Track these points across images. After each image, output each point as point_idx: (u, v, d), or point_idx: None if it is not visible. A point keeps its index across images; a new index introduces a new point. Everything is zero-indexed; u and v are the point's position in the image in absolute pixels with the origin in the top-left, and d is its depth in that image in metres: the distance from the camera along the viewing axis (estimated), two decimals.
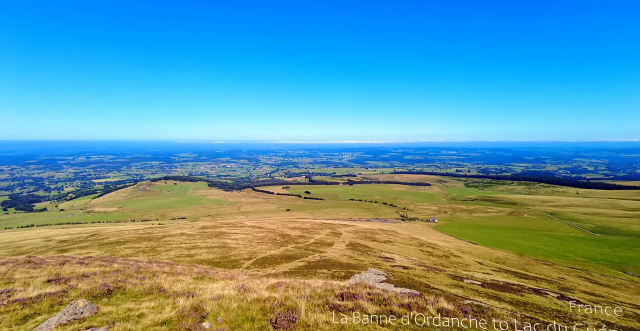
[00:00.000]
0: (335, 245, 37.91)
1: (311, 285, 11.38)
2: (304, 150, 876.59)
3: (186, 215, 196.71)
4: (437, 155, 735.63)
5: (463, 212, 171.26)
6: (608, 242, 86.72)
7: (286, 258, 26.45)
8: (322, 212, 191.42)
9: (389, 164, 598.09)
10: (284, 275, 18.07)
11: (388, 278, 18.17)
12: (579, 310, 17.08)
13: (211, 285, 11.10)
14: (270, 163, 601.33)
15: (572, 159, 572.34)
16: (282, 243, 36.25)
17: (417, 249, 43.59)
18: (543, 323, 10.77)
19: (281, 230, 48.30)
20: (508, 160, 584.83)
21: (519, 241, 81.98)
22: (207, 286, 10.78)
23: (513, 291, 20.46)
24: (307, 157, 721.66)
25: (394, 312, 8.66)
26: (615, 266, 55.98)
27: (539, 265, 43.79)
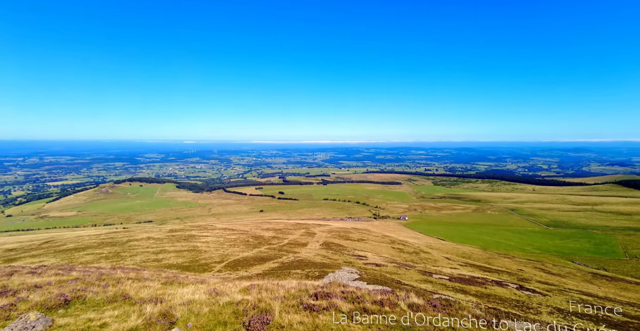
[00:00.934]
0: (309, 245, 37.94)
1: (285, 286, 11.31)
2: (277, 150, 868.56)
3: (153, 218, 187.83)
4: (407, 154, 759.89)
5: (432, 210, 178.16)
6: (559, 234, 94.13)
7: (259, 260, 26.08)
8: (296, 212, 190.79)
9: (362, 164, 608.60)
10: (257, 277, 17.80)
11: (361, 276, 18.48)
12: (535, 298, 18.42)
13: (181, 290, 10.69)
14: (243, 164, 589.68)
15: (529, 158, 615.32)
16: (255, 244, 35.69)
17: (388, 246, 44.72)
18: (504, 313, 11.48)
19: (254, 232, 47.55)
20: (473, 160, 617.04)
21: (483, 236, 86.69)
22: (177, 291, 10.36)
23: (478, 284, 21.61)
24: (280, 157, 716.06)
25: (367, 309, 8.82)
26: (565, 257, 60.93)
27: (501, 259, 46.59)
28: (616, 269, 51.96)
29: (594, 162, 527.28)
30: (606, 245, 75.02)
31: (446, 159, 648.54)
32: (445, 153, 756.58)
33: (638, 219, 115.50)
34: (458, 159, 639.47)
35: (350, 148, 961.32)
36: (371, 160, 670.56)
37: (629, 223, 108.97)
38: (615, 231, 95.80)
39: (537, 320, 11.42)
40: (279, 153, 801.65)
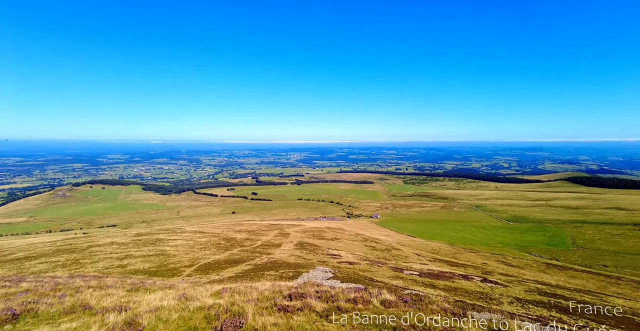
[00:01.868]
0: (283, 245, 37.67)
1: (258, 288, 11.15)
2: (250, 150, 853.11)
3: (117, 222, 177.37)
4: (379, 154, 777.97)
5: (402, 208, 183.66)
6: (518, 228, 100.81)
7: (232, 263, 25.49)
8: (270, 213, 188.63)
9: (336, 163, 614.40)
10: (229, 280, 17.38)
11: (335, 275, 18.64)
12: (497, 290, 19.58)
13: (148, 297, 10.18)
14: (214, 164, 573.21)
15: (492, 157, 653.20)
16: (227, 247, 34.84)
17: (361, 244, 45.50)
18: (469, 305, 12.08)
19: (226, 234, 46.39)
20: (440, 159, 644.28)
21: (450, 232, 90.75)
22: (143, 298, 9.86)
23: (446, 278, 22.58)
24: (253, 157, 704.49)
25: (341, 308, 8.92)
26: (523, 249, 65.31)
27: (467, 253, 49.03)
28: (566, 259, 56.56)
29: (548, 161, 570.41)
30: (558, 237, 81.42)
31: (416, 159, 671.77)
32: (415, 153, 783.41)
33: (583, 212, 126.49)
34: (427, 159, 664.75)
35: (324, 148, 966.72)
36: (345, 159, 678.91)
37: (577, 216, 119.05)
38: (566, 224, 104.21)
39: (498, 310, 12.13)
40: (251, 153, 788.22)
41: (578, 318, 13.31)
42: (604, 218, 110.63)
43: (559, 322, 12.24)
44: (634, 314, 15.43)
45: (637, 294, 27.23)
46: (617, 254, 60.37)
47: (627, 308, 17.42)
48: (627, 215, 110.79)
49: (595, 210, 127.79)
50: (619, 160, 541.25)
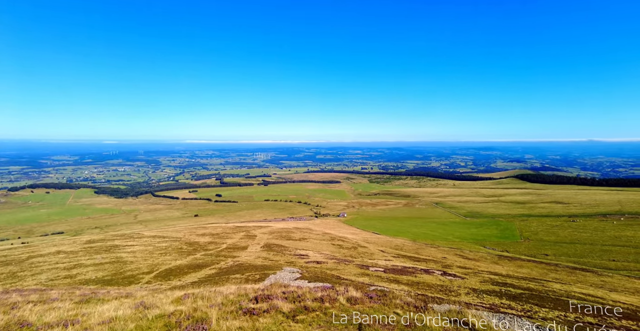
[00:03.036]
0: (249, 248, 36.90)
1: (223, 292, 10.81)
2: (213, 151, 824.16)
3: (65, 228, 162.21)
4: (345, 154, 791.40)
5: (368, 206, 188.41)
6: (474, 223, 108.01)
7: (195, 267, 24.47)
8: (235, 215, 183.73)
9: (303, 163, 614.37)
10: (192, 286, 16.66)
11: (302, 275, 18.64)
12: (455, 282, 20.80)
13: (100, 308, 9.43)
14: (174, 165, 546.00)
15: (450, 156, 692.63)
16: (190, 251, 33.39)
17: (329, 243, 45.96)
18: (430, 298, 12.70)
19: (188, 238, 44.42)
20: (403, 158, 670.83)
21: (413, 229, 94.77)
22: (95, 310, 9.11)
23: (409, 273, 23.54)
24: (217, 158, 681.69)
25: (308, 307, 8.94)
26: (479, 243, 70.06)
27: (428, 248, 51.52)
28: (515, 250, 61.66)
29: (499, 159, 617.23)
30: (508, 231, 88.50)
31: (380, 158, 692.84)
32: (379, 153, 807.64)
33: (529, 207, 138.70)
34: (390, 158, 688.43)
35: (291, 148, 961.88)
36: (312, 159, 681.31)
37: (524, 211, 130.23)
38: (515, 218, 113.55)
39: (457, 301, 12.89)
40: (215, 153, 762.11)
41: (524, 303, 14.56)
42: (546, 211, 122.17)
43: (508, 308, 13.30)
44: (568, 296, 17.22)
45: (571, 278, 30.43)
46: (556, 243, 66.98)
47: (563, 291, 19.40)
48: (564, 208, 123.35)
49: (539, 204, 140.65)
50: (557, 159, 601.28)
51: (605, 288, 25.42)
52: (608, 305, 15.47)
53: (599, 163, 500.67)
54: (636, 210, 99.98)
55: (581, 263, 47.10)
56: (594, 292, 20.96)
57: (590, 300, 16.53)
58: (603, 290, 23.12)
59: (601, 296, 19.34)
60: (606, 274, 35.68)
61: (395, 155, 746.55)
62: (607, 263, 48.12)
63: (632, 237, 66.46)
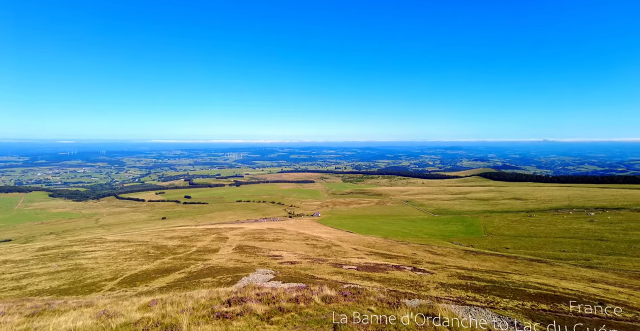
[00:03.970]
0: (221, 250, 35.97)
1: (194, 296, 10.48)
2: (182, 151, 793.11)
3: (13, 235, 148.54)
4: (319, 154, 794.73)
5: (341, 205, 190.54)
6: (442, 220, 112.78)
7: (163, 272, 23.46)
8: (205, 217, 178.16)
9: (277, 163, 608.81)
10: (160, 291, 15.96)
11: (276, 276, 18.50)
12: (425, 277, 21.63)
13: (57, 319, 8.78)
14: (140, 166, 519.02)
15: (419, 156, 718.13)
16: (157, 255, 31.95)
17: (303, 243, 45.94)
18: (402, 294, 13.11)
19: (155, 242, 42.47)
20: (375, 158, 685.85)
21: (384, 226, 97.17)
22: (50, 322, 8.47)
23: (381, 270, 24.13)
24: (186, 158, 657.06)
25: (283, 308, 8.90)
26: (446, 239, 73.25)
27: (399, 245, 53.07)
28: (479, 245, 65.19)
29: (465, 158, 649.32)
30: (473, 226, 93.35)
31: (353, 158, 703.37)
32: (352, 153, 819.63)
33: (492, 203, 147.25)
34: (363, 158, 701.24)
35: (264, 148, 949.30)
36: (286, 159, 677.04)
37: (487, 207, 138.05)
38: (479, 214, 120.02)
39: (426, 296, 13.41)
40: (184, 153, 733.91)
41: (487, 295, 15.46)
42: (507, 207, 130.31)
43: (473, 300, 14.06)
44: (526, 286, 18.53)
45: (528, 269, 32.74)
46: (515, 237, 71.65)
47: (521, 282, 20.84)
48: (522, 204, 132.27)
49: (501, 201, 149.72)
50: (517, 158, 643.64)
51: (556, 277, 27.61)
52: (558, 292, 16.84)
53: (551, 161, 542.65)
54: (582, 204, 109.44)
55: (537, 255, 50.74)
56: (547, 281, 22.69)
57: (544, 289, 17.88)
58: (555, 279, 25.11)
59: (553, 284, 20.98)
60: (557, 264, 38.76)
61: (367, 155, 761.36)
62: (559, 253, 52.25)
63: (578, 229, 72.67)
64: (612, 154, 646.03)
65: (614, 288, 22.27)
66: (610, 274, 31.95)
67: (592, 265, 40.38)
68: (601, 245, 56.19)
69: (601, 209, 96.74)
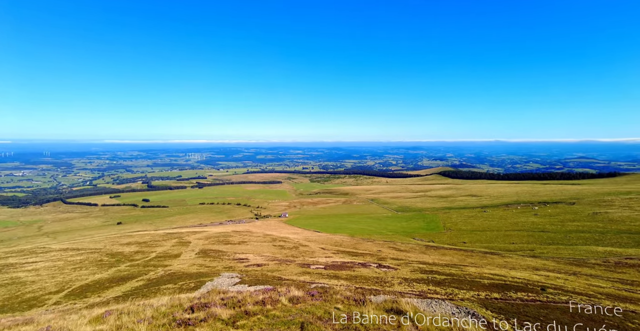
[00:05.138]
0: (183, 255, 34.37)
1: (153, 304, 9.92)
2: (139, 151, 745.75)
3: None
4: (286, 154, 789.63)
5: (309, 205, 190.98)
6: (405, 217, 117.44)
7: (118, 280, 21.90)
8: (166, 221, 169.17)
9: (242, 164, 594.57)
10: (115, 301, 14.87)
11: (242, 279, 18.08)
12: (389, 273, 22.36)
13: None
14: (91, 168, 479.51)
15: (383, 155, 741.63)
16: (112, 263, 29.76)
17: (270, 245, 45.36)
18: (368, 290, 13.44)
19: (110, 248, 39.51)
20: (342, 158, 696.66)
21: (351, 225, 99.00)
22: None
23: (347, 268, 24.55)
24: (143, 159, 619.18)
25: (249, 311, 8.73)
26: (409, 235, 76.39)
27: (365, 243, 54.37)
28: (439, 240, 68.86)
29: (425, 158, 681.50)
30: (433, 222, 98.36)
31: (320, 158, 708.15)
32: (320, 153, 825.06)
33: (450, 200, 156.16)
34: (330, 158, 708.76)
35: (229, 148, 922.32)
36: (252, 160, 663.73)
37: (446, 204, 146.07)
38: (439, 210, 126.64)
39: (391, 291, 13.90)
40: (141, 154, 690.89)
41: (447, 287, 16.37)
42: (463, 204, 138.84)
43: (434, 293, 14.81)
44: (481, 278, 19.91)
45: (483, 261, 35.22)
46: (471, 232, 76.66)
47: (477, 274, 22.36)
48: (477, 200, 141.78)
49: (458, 198, 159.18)
50: (472, 157, 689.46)
51: (507, 267, 29.99)
52: (508, 281, 18.32)
53: (502, 160, 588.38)
54: (528, 200, 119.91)
55: (490, 248, 54.72)
56: (499, 272, 24.57)
57: (496, 279, 19.34)
58: (505, 269, 27.26)
59: (504, 274, 22.77)
60: (508, 255, 42.12)
61: (334, 155, 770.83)
62: (509, 245, 56.78)
63: (525, 222, 79.57)
64: (552, 153, 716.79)
65: (553, 275, 24.69)
66: (550, 262, 35.35)
67: (536, 254, 44.39)
68: (543, 236, 61.98)
69: (543, 203, 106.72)
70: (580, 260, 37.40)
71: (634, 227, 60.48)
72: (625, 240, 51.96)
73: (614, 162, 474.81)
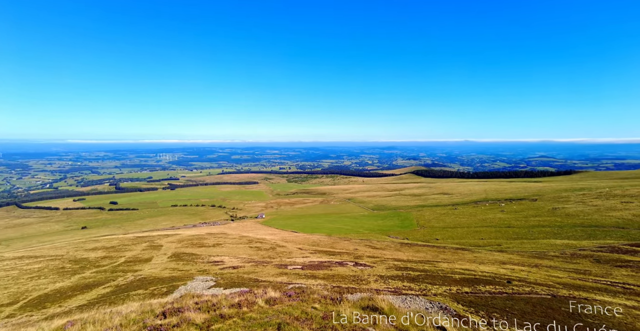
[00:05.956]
0: (154, 259, 33.00)
1: (122, 311, 9.45)
2: (106, 152, 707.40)
3: None
4: (263, 154, 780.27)
5: (286, 205, 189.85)
6: (380, 216, 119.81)
7: (83, 288, 20.64)
8: (135, 224, 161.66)
9: (217, 165, 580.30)
10: (79, 310, 14.00)
11: (217, 282, 17.66)
12: (366, 271, 22.72)
13: None
14: (52, 170, 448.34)
15: (359, 155, 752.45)
16: (76, 270, 28.01)
17: (246, 246, 44.61)
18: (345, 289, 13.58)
19: (73, 255, 37.16)
20: (319, 158, 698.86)
21: (328, 224, 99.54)
22: None
23: (325, 267, 24.66)
24: (111, 160, 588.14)
25: (224, 315, 8.54)
26: (384, 233, 78.00)
27: (342, 242, 54.88)
28: (413, 237, 70.87)
29: (399, 157, 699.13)
30: (407, 220, 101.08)
31: (297, 158, 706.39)
32: (297, 153, 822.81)
33: (424, 198, 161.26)
34: (307, 158, 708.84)
35: (203, 148, 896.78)
36: (227, 160, 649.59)
37: (419, 202, 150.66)
38: (412, 209, 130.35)
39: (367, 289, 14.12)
40: (108, 155, 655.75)
41: (421, 283, 16.88)
42: (436, 202, 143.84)
43: (409, 290, 15.22)
44: (453, 273, 20.74)
45: (454, 257, 36.69)
46: (444, 229, 79.59)
47: (449, 269, 23.26)
48: (449, 198, 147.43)
49: (431, 196, 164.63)
50: (444, 156, 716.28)
51: (476, 262, 31.42)
52: (478, 275, 19.20)
53: (472, 159, 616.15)
54: (496, 197, 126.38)
55: (461, 244, 57.09)
56: (469, 266, 25.69)
57: (467, 273, 20.21)
58: (475, 264, 28.55)
59: (474, 269, 23.85)
60: (477, 250, 44.15)
61: (311, 155, 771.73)
62: (478, 241, 59.52)
63: (493, 218, 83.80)
64: (517, 152, 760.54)
65: (518, 268, 26.19)
66: (515, 256, 37.46)
67: (503, 249, 46.84)
68: (509, 231, 65.55)
69: (509, 200, 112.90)
70: (542, 253, 39.94)
71: (586, 221, 65.45)
72: (579, 233, 56.11)
73: (570, 161, 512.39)
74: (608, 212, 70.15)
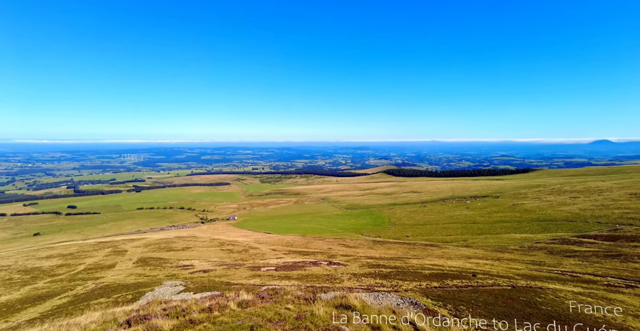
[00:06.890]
0: (118, 265, 31.18)
1: (81, 322, 8.85)
2: (63, 153, 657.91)
3: None
4: (235, 154, 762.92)
5: (260, 206, 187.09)
6: (353, 215, 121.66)
7: (35, 300, 19.06)
8: (97, 228, 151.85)
9: (186, 165, 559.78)
10: (30, 324, 12.90)
11: (187, 287, 17.05)
12: (339, 270, 22.97)
13: None
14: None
15: (333, 155, 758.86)
16: (26, 281, 25.79)
17: (217, 249, 43.43)
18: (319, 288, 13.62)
19: (23, 264, 34.18)
20: (293, 158, 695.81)
21: (302, 224, 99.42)
22: None
23: (299, 268, 24.61)
24: (69, 161, 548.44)
25: (194, 320, 8.29)
26: (357, 232, 79.29)
27: (316, 241, 55.05)
28: (385, 235, 72.67)
29: (372, 157, 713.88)
30: (379, 218, 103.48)
31: (271, 158, 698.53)
32: (270, 153, 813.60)
33: (394, 197, 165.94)
34: (281, 158, 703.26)
35: (170, 148, 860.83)
36: (196, 161, 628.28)
37: (390, 200, 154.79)
38: (384, 207, 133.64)
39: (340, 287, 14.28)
40: (65, 156, 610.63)
41: (392, 280, 17.35)
42: (406, 200, 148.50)
43: (381, 286, 15.58)
44: (422, 268, 21.52)
45: (424, 253, 38.12)
46: (414, 226, 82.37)
47: (418, 265, 24.11)
48: (418, 196, 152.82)
49: (401, 195, 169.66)
50: (413, 156, 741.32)
51: (444, 257, 32.85)
52: (445, 270, 20.07)
53: (439, 159, 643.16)
54: (462, 194, 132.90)
55: (430, 240, 59.37)
56: (438, 262, 26.79)
57: (435, 269, 21.05)
58: (443, 259, 29.84)
59: (442, 264, 24.91)
60: (445, 246, 46.17)
61: (285, 155, 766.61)
62: (446, 237, 62.23)
63: (459, 215, 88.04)
64: (481, 152, 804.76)
65: (482, 261, 27.72)
66: (480, 250, 39.61)
67: (469, 244, 49.33)
68: (474, 227, 69.14)
69: (474, 197, 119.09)
70: (503, 247, 42.56)
71: (542, 216, 70.65)
72: (535, 227, 60.43)
73: (528, 160, 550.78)
74: (559, 206, 76.14)
